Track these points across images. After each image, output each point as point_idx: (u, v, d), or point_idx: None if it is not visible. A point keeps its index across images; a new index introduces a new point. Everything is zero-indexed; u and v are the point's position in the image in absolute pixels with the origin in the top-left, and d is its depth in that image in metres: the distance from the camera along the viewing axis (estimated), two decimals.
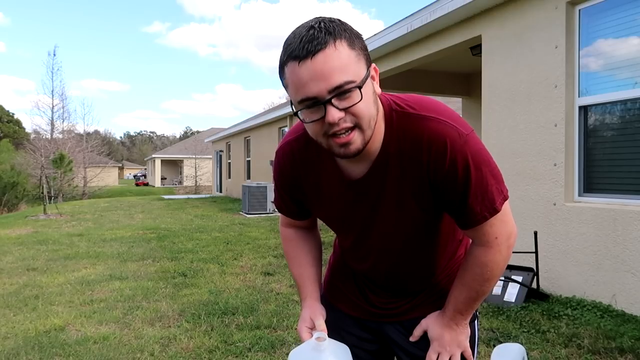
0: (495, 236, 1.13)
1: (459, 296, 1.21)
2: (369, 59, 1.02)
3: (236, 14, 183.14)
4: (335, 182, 1.18)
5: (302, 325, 1.26)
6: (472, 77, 9.24)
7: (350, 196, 1.17)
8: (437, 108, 1.10)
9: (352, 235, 1.27)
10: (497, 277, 1.18)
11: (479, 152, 1.07)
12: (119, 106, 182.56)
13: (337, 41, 0.95)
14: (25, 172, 26.98)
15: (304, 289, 1.34)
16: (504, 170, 4.83)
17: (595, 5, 4.11)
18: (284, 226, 1.41)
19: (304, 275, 1.35)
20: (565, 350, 3.13)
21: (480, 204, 1.09)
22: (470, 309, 1.23)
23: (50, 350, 3.32)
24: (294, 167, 1.23)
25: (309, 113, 1.00)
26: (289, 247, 1.40)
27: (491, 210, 1.10)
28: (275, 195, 1.36)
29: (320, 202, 1.24)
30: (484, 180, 1.07)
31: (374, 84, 1.04)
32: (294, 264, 1.38)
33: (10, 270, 5.91)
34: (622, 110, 4.03)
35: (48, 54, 57.26)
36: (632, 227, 3.71)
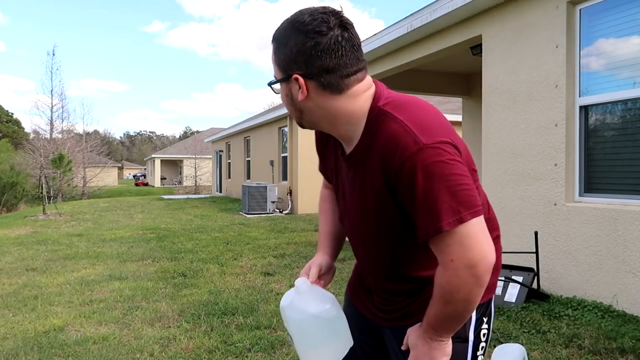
0: (450, 258, 1.06)
1: (429, 311, 1.17)
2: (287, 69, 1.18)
3: (236, 14, 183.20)
4: (339, 154, 1.30)
5: (302, 272, 1.38)
6: (472, 77, 9.24)
7: (345, 169, 1.28)
8: (412, 112, 1.11)
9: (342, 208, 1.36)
10: (461, 303, 1.09)
11: (437, 164, 1.03)
12: (119, 106, 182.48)
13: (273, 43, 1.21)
14: (25, 172, 26.95)
15: (320, 243, 1.49)
16: (505, 170, 4.85)
17: (595, 4, 4.11)
18: (323, 186, 1.58)
19: (323, 231, 1.50)
20: (566, 350, 3.12)
21: (425, 219, 1.06)
22: (442, 328, 1.16)
23: (50, 350, 3.31)
24: (321, 135, 1.39)
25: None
26: (321, 204, 1.56)
27: (435, 227, 1.04)
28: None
29: (332, 170, 1.38)
30: (432, 195, 1.03)
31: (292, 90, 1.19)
32: (320, 220, 1.55)
33: (9, 271, 5.90)
34: (622, 110, 4.02)
35: (47, 54, 57.31)
36: (632, 227, 3.70)
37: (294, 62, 1.14)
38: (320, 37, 1.11)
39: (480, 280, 1.06)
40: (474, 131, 9.10)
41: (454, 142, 1.10)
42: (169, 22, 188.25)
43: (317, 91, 1.15)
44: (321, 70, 1.13)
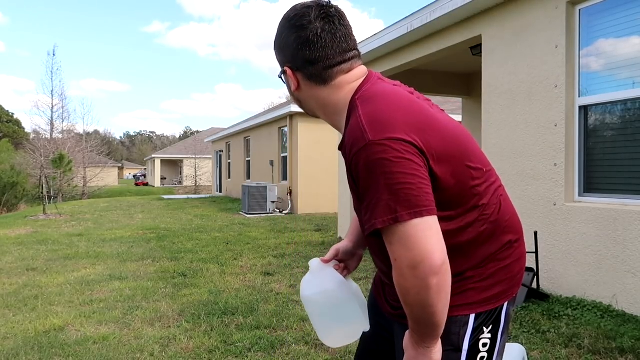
0: (394, 257, 1.04)
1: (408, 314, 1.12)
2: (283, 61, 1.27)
3: (236, 14, 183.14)
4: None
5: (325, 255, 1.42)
6: (472, 77, 9.24)
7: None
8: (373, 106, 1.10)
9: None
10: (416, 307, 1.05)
11: (379, 162, 1.02)
12: (119, 106, 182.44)
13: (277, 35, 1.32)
14: (25, 172, 26.96)
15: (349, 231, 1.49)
16: (505, 170, 4.85)
17: (595, 5, 4.11)
18: None
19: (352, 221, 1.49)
20: (566, 350, 3.13)
21: (365, 214, 1.06)
22: (418, 333, 1.11)
23: (50, 350, 3.32)
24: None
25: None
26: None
27: (370, 224, 1.04)
28: None
29: None
30: (372, 191, 1.03)
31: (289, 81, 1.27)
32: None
33: (9, 271, 5.91)
34: (622, 110, 4.02)
35: (47, 54, 57.25)
36: (632, 227, 3.70)
37: (284, 56, 1.25)
38: (301, 31, 1.19)
39: (425, 282, 1.01)
40: (474, 131, 9.10)
41: (412, 139, 1.05)
42: (169, 22, 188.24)
43: (305, 82, 1.24)
44: (305, 62, 1.21)
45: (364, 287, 4.74)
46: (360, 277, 5.21)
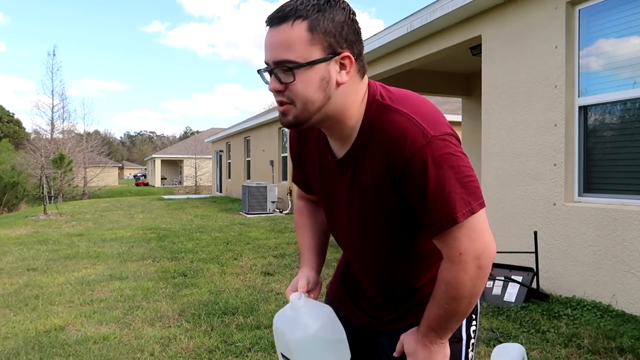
0: (459, 252, 1.05)
1: (430, 313, 1.14)
2: (334, 46, 1.03)
3: (235, 14, 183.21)
4: (327, 158, 1.23)
5: (289, 289, 1.33)
6: (472, 77, 9.24)
7: (335, 174, 1.21)
8: (414, 105, 1.08)
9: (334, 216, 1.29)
10: (466, 298, 1.08)
11: (446, 156, 1.02)
12: (119, 106, 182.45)
13: (297, 20, 1.00)
14: (25, 172, 26.98)
15: (302, 258, 1.42)
16: (504, 170, 4.86)
17: (595, 5, 4.12)
18: (298, 198, 1.51)
19: (304, 244, 1.43)
20: (565, 350, 3.13)
21: (438, 212, 1.03)
22: (443, 329, 1.13)
23: (50, 350, 3.32)
24: (299, 141, 1.32)
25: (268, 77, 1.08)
26: (297, 217, 1.49)
27: (450, 220, 1.02)
28: (293, 166, 1.46)
29: (315, 177, 1.30)
30: (445, 186, 1.01)
31: (332, 72, 1.04)
32: (299, 234, 1.47)
33: (10, 270, 5.92)
34: (622, 110, 4.03)
35: (48, 54, 57.26)
36: (632, 227, 3.71)
37: (343, 40, 1.03)
38: (354, 16, 1.07)
39: (485, 272, 1.06)
40: (474, 131, 9.11)
41: (455, 134, 1.08)
42: (169, 22, 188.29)
43: (353, 75, 1.08)
44: (361, 51, 1.09)
45: None
46: None
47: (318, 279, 1.40)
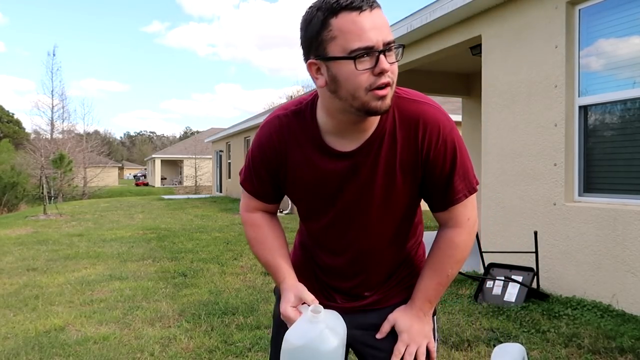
0: (467, 217, 1.24)
1: (429, 283, 1.27)
2: None
3: (235, 14, 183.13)
4: (326, 155, 1.20)
5: (287, 306, 1.20)
6: (472, 77, 9.24)
7: (344, 169, 1.20)
8: (427, 98, 1.24)
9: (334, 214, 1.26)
10: (464, 261, 1.27)
11: (460, 139, 1.22)
12: (119, 106, 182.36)
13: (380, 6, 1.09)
14: (25, 172, 26.98)
15: (280, 272, 1.29)
16: (504, 170, 4.86)
17: (595, 5, 4.11)
18: (249, 211, 1.36)
19: (277, 258, 1.31)
20: (566, 350, 3.13)
21: (462, 183, 1.21)
22: (438, 297, 1.29)
23: (50, 350, 3.32)
24: (281, 141, 1.23)
25: (360, 62, 1.04)
26: (256, 232, 1.35)
27: (470, 189, 1.23)
28: (247, 176, 1.32)
29: (306, 180, 1.24)
30: (465, 163, 1.21)
31: None
32: (264, 249, 1.33)
33: (10, 271, 5.91)
34: (622, 110, 4.03)
35: (47, 54, 57.16)
36: (632, 226, 3.71)
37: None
38: None
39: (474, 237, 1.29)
40: (474, 131, 9.10)
41: None
42: (169, 22, 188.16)
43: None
44: None
45: None
46: None
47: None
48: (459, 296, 4.38)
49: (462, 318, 3.77)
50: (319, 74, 1.11)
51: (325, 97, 1.14)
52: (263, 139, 1.25)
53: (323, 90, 1.13)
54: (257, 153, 1.27)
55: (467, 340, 3.29)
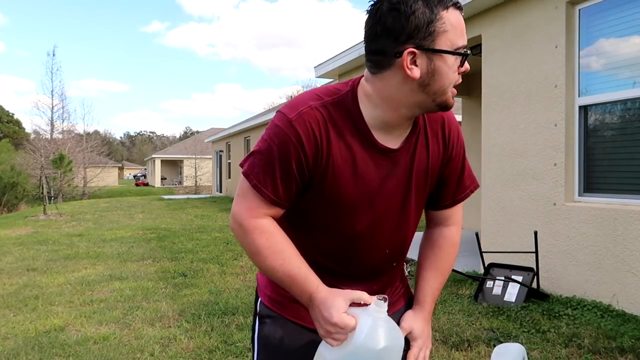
0: (459, 217, 1.31)
1: (435, 284, 1.27)
2: None
3: (235, 13, 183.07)
4: (370, 152, 1.11)
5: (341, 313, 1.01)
6: (472, 77, 9.22)
7: (385, 167, 1.13)
8: None
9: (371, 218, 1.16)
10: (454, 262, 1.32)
11: None
12: (119, 106, 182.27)
13: None
14: (25, 172, 26.97)
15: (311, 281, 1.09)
16: (504, 170, 4.85)
17: (595, 5, 4.11)
18: (259, 217, 1.11)
19: (302, 268, 1.10)
20: (566, 350, 3.13)
21: (468, 179, 1.28)
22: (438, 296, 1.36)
23: (50, 350, 3.32)
24: (323, 135, 1.08)
25: (457, 60, 1.07)
26: (270, 240, 1.11)
27: (475, 185, 1.29)
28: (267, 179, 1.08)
29: (346, 179, 1.11)
30: (468, 161, 1.29)
31: None
32: (283, 260, 1.10)
33: (10, 271, 5.91)
34: (622, 110, 4.03)
35: (47, 54, 57.23)
36: (632, 226, 3.71)
37: None
38: None
39: None
40: (474, 131, 9.10)
41: None
42: (169, 22, 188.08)
43: None
44: None
45: None
46: None
47: None
48: (459, 296, 4.38)
49: (462, 318, 3.77)
50: (413, 65, 1.03)
51: (403, 90, 1.06)
52: (301, 132, 1.06)
53: (407, 82, 1.04)
54: (289, 149, 1.06)
55: (467, 340, 3.29)
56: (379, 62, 1.06)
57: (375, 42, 1.05)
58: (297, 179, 1.09)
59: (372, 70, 1.08)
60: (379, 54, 1.05)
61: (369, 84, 1.10)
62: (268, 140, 1.09)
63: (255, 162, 1.10)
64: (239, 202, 1.13)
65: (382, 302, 1.02)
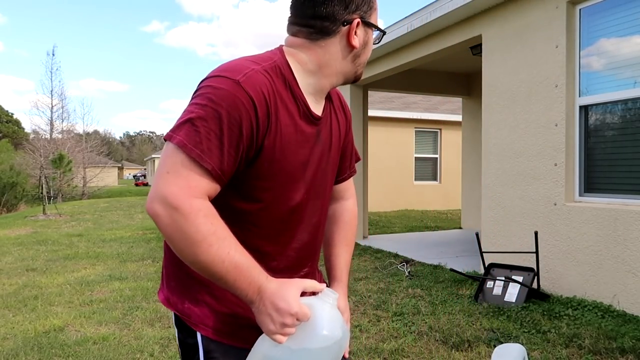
0: (353, 192, 1.37)
1: (347, 258, 1.31)
2: None
3: (234, 13, 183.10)
4: (304, 120, 1.09)
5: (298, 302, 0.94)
6: (472, 77, 9.23)
7: (314, 135, 1.12)
8: None
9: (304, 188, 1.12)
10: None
11: None
12: (118, 106, 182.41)
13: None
14: (25, 172, 26.93)
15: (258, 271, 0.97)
16: (505, 170, 4.85)
17: (595, 4, 4.11)
18: (197, 197, 0.93)
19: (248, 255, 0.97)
20: (566, 350, 3.12)
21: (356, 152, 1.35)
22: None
23: (50, 350, 3.31)
24: (272, 100, 1.01)
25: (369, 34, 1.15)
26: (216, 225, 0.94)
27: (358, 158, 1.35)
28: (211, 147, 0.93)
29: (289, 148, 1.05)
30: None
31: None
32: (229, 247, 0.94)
33: (9, 271, 5.90)
34: (622, 110, 4.02)
35: (47, 54, 57.27)
36: (633, 227, 3.70)
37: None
38: None
39: None
40: (474, 131, 9.10)
41: None
42: (168, 22, 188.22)
43: None
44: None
45: (364, 287, 4.74)
46: (360, 277, 5.20)
47: None
48: (459, 296, 4.37)
49: (463, 318, 3.77)
50: (356, 35, 1.10)
51: (337, 58, 1.11)
52: (252, 94, 0.96)
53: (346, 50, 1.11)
54: (240, 113, 0.95)
55: (468, 341, 3.28)
56: (324, 29, 1.08)
57: (324, 7, 1.06)
58: (245, 148, 0.98)
59: (312, 36, 1.08)
60: (327, 20, 1.06)
61: (305, 51, 1.09)
62: (211, 105, 0.94)
63: (194, 130, 0.93)
64: (171, 180, 0.92)
65: (332, 290, 0.98)
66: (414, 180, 13.72)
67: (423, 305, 4.13)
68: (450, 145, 13.80)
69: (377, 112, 12.68)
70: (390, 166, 13.11)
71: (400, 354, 3.12)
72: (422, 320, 3.76)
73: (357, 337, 3.42)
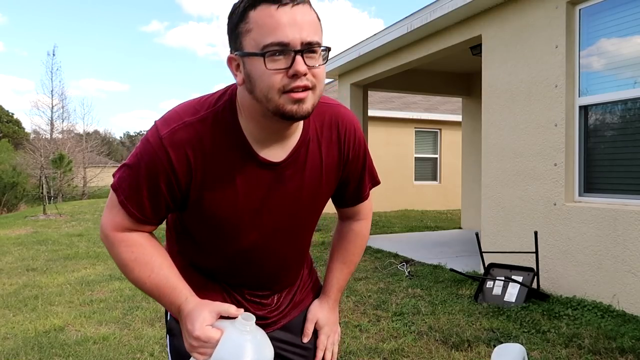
0: (369, 208, 1.36)
1: (341, 276, 1.35)
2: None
3: None
4: (251, 167, 1.06)
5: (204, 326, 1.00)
6: (472, 77, 9.23)
7: (268, 181, 1.09)
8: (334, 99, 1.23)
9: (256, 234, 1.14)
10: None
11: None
12: (118, 106, 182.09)
13: (309, 4, 0.98)
14: (25, 172, 26.93)
15: (179, 292, 1.06)
16: (505, 170, 4.85)
17: (595, 4, 4.11)
18: (125, 231, 1.08)
19: (171, 278, 1.07)
20: (566, 350, 3.13)
21: (370, 177, 1.29)
22: (345, 286, 1.39)
23: (50, 350, 3.32)
24: (199, 154, 1.03)
25: (271, 61, 0.93)
26: (137, 253, 1.07)
27: (374, 182, 1.31)
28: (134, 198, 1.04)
29: (227, 196, 1.07)
30: (370, 159, 1.29)
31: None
32: (151, 271, 1.06)
33: (9, 271, 5.91)
34: (622, 110, 4.02)
35: (47, 54, 57.28)
36: (632, 227, 3.70)
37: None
38: None
39: None
40: (474, 131, 9.10)
41: None
42: (168, 22, 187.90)
43: None
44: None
45: (364, 287, 4.74)
46: (360, 277, 5.21)
47: None
48: (459, 296, 4.38)
49: (462, 318, 3.77)
50: (238, 71, 1.00)
51: (246, 98, 1.01)
52: (171, 153, 1.01)
53: (242, 89, 1.01)
54: (157, 170, 1.02)
55: (467, 341, 3.29)
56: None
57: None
58: (167, 198, 1.05)
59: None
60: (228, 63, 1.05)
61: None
62: (138, 156, 1.04)
63: (124, 176, 1.05)
64: (106, 213, 1.09)
65: (249, 315, 1.01)
66: (414, 180, 13.72)
67: (423, 305, 4.13)
68: (450, 145, 13.81)
69: (377, 112, 12.68)
70: (390, 166, 13.11)
71: (400, 354, 3.13)
72: (422, 320, 3.76)
73: (357, 337, 3.42)
